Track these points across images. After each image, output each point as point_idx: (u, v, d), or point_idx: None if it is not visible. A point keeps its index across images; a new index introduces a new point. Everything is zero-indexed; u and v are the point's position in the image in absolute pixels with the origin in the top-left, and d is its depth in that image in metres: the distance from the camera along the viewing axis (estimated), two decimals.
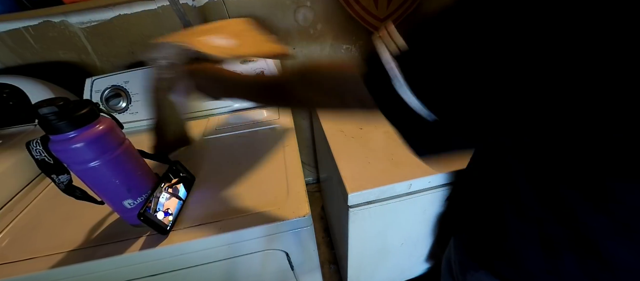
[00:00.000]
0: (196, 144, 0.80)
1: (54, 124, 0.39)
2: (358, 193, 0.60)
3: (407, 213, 0.71)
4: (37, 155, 0.41)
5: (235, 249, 0.55)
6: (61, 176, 0.44)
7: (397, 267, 1.02)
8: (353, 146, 0.72)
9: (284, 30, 1.07)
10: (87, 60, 1.01)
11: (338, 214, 0.82)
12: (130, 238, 0.51)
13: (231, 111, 0.96)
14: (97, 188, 0.47)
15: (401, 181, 0.61)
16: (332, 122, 0.84)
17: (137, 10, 0.93)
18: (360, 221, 0.67)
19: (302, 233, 0.57)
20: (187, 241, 0.51)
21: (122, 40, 0.99)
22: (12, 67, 0.97)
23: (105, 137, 0.43)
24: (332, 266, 1.28)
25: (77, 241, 0.52)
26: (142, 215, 0.47)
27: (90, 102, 0.42)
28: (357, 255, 0.82)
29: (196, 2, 0.94)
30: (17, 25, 0.90)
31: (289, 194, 0.58)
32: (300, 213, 0.53)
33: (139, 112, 0.89)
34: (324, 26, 1.09)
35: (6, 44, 0.92)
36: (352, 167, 0.65)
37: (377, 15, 1.09)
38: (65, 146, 0.40)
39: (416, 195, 0.65)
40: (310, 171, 1.67)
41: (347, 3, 1.04)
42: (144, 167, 0.52)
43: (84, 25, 0.94)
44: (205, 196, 0.60)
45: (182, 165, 0.62)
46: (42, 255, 0.50)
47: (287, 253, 0.60)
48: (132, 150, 0.49)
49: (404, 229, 0.78)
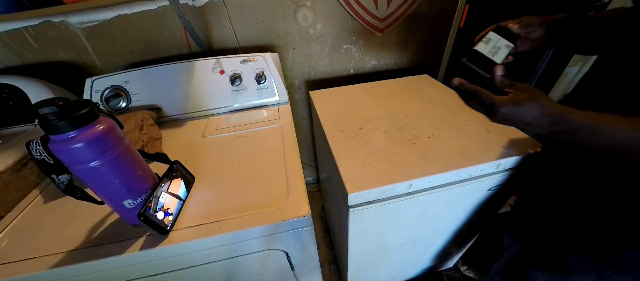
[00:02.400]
0: (196, 144, 0.80)
1: (54, 124, 0.39)
2: (358, 193, 0.60)
3: (407, 213, 0.71)
4: (37, 155, 0.41)
5: (235, 249, 0.55)
6: (61, 176, 0.44)
7: (397, 267, 1.02)
8: (353, 146, 0.72)
9: (284, 30, 1.07)
10: (87, 60, 1.01)
11: (338, 214, 0.82)
12: (130, 238, 0.51)
13: (231, 111, 0.96)
14: (97, 188, 0.47)
15: (401, 181, 0.61)
16: (332, 122, 0.84)
17: (137, 10, 0.93)
18: (360, 221, 0.67)
19: (302, 233, 0.57)
20: (187, 241, 0.51)
21: (122, 40, 0.99)
22: (12, 67, 0.97)
23: (105, 138, 0.43)
24: (332, 266, 1.28)
25: (77, 241, 0.52)
26: (142, 215, 0.47)
27: (90, 102, 0.42)
28: (357, 255, 0.82)
29: (196, 2, 0.95)
30: (17, 25, 0.90)
31: (289, 194, 0.58)
32: (300, 213, 0.53)
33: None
34: (324, 26, 1.09)
35: (6, 44, 0.92)
36: (352, 167, 0.65)
37: (377, 16, 1.09)
38: (65, 146, 0.40)
39: (416, 195, 0.65)
40: (310, 171, 1.67)
41: (347, 3, 1.04)
42: (144, 167, 0.52)
43: (84, 25, 0.94)
44: (205, 196, 0.60)
45: (182, 165, 0.62)
46: (42, 255, 0.50)
47: (287, 253, 0.60)
48: (132, 150, 0.49)
49: (404, 229, 0.78)
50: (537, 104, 0.43)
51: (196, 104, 0.94)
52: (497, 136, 0.72)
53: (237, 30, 1.03)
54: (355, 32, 1.13)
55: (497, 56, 0.53)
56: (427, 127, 0.77)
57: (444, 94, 0.98)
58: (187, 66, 0.91)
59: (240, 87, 0.94)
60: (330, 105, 0.94)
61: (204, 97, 0.94)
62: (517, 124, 0.46)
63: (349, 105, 0.93)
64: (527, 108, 0.43)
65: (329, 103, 0.96)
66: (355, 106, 0.92)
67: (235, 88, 0.94)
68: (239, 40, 1.05)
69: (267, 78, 0.94)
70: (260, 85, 0.95)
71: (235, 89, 0.94)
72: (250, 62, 0.94)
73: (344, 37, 1.13)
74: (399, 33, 1.16)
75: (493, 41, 0.55)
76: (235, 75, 0.93)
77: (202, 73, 0.92)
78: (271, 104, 0.97)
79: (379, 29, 1.13)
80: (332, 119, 0.85)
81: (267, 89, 0.96)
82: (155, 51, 1.03)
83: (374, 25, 1.12)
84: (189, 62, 0.91)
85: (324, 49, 1.15)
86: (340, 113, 0.89)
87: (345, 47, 1.17)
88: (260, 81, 0.93)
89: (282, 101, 0.97)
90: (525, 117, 0.44)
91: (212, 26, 1.01)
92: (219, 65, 0.92)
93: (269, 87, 0.95)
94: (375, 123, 0.81)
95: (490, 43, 0.55)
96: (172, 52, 1.04)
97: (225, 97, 0.94)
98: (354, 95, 1.01)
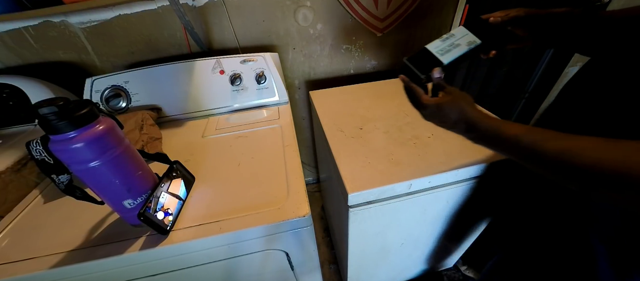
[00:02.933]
0: (196, 144, 0.80)
1: (54, 124, 0.39)
2: (358, 193, 0.60)
3: (407, 213, 0.71)
4: (37, 155, 0.41)
5: (235, 249, 0.55)
6: (61, 176, 0.44)
7: (397, 267, 1.02)
8: (353, 146, 0.72)
9: (284, 30, 1.07)
10: (87, 60, 1.01)
11: (338, 214, 0.82)
12: (130, 238, 0.51)
13: (231, 111, 0.96)
14: (97, 188, 0.47)
15: (401, 181, 0.61)
16: (332, 122, 0.84)
17: (137, 10, 0.93)
18: (360, 221, 0.67)
19: (302, 233, 0.57)
20: (187, 241, 0.51)
21: (122, 40, 0.99)
22: (12, 67, 0.97)
23: (105, 138, 0.43)
24: (332, 266, 1.28)
25: (77, 241, 0.52)
26: (142, 215, 0.47)
27: (90, 102, 0.42)
28: (357, 255, 0.82)
29: (196, 2, 0.95)
30: (17, 25, 0.90)
31: (289, 194, 0.58)
32: (300, 213, 0.53)
33: None
34: (324, 26, 1.09)
35: (6, 44, 0.92)
36: (352, 167, 0.65)
37: (377, 15, 1.09)
38: (65, 146, 0.40)
39: (416, 195, 0.65)
40: (310, 171, 1.67)
41: (347, 3, 1.04)
42: (144, 167, 0.52)
43: (84, 25, 0.94)
44: (205, 196, 0.60)
45: (182, 165, 0.62)
46: (42, 255, 0.50)
47: (287, 253, 0.60)
48: (132, 150, 0.49)
49: (404, 229, 0.78)
50: (457, 108, 0.45)
51: (196, 104, 0.94)
52: None
53: (237, 30, 1.03)
54: (355, 32, 1.13)
55: (446, 56, 0.50)
56: (427, 127, 0.77)
57: None
58: (187, 66, 0.91)
59: (240, 87, 0.94)
60: (330, 105, 0.94)
61: (204, 97, 0.94)
62: (442, 125, 0.48)
63: (349, 105, 0.93)
64: (447, 111, 0.46)
65: (329, 103, 0.96)
66: (355, 106, 0.92)
67: (235, 88, 0.94)
68: (239, 40, 1.05)
69: (267, 78, 0.94)
70: (260, 85, 0.95)
71: (235, 89, 0.94)
72: (250, 62, 0.94)
73: (344, 37, 1.13)
74: (399, 33, 1.16)
75: (455, 37, 0.51)
76: (235, 75, 0.93)
77: (202, 73, 0.92)
78: (271, 104, 0.97)
79: (379, 29, 1.13)
80: (332, 119, 0.85)
81: (267, 89, 0.96)
82: (155, 51, 1.03)
83: (374, 25, 1.12)
84: (189, 62, 0.91)
85: (324, 49, 1.15)
86: (340, 113, 0.89)
87: (345, 47, 1.17)
88: (260, 81, 0.93)
89: (282, 101, 0.97)
90: (446, 119, 0.46)
91: (212, 26, 1.01)
92: (219, 65, 0.92)
93: (269, 87, 0.95)
94: (375, 123, 0.81)
95: (449, 40, 0.51)
96: (172, 52, 1.04)
97: (225, 97, 0.94)
98: (354, 95, 1.01)
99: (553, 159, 0.35)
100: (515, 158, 0.40)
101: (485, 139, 0.43)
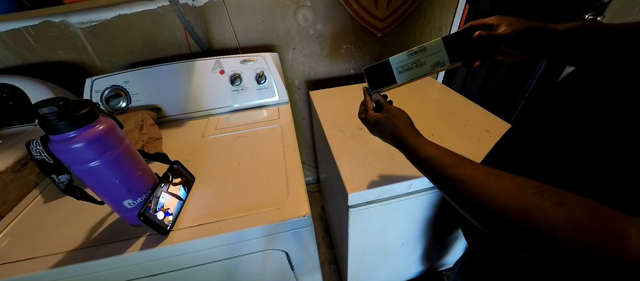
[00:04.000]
0: (196, 144, 0.80)
1: (54, 124, 0.39)
2: (358, 193, 0.60)
3: (407, 213, 0.71)
4: (37, 155, 0.41)
5: (235, 249, 0.55)
6: (61, 176, 0.44)
7: (397, 267, 1.02)
8: (353, 146, 0.72)
9: (284, 30, 1.07)
10: (87, 60, 1.01)
11: (338, 214, 0.82)
12: (130, 238, 0.51)
13: (231, 111, 0.96)
14: (97, 188, 0.47)
15: (401, 181, 0.61)
16: (332, 122, 0.84)
17: (137, 10, 0.93)
18: (360, 221, 0.67)
19: (302, 233, 0.57)
20: (187, 241, 0.51)
21: (122, 40, 0.99)
22: (12, 67, 0.97)
23: (105, 138, 0.43)
24: (332, 266, 1.28)
25: (77, 241, 0.52)
26: (142, 215, 0.47)
27: (90, 102, 0.42)
28: (357, 255, 0.82)
29: (196, 2, 0.95)
30: (17, 25, 0.90)
31: (289, 194, 0.58)
32: (300, 213, 0.53)
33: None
34: (324, 26, 1.09)
35: (6, 44, 0.92)
36: (352, 167, 0.65)
37: (377, 15, 1.09)
38: (65, 146, 0.40)
39: (416, 195, 0.65)
40: (310, 171, 1.67)
41: (347, 3, 1.04)
42: (144, 167, 0.52)
43: (84, 25, 0.94)
44: (205, 196, 0.60)
45: (182, 165, 0.62)
46: (42, 255, 0.50)
47: (287, 253, 0.60)
48: (132, 150, 0.49)
49: (404, 229, 0.78)
50: (390, 125, 0.48)
51: (196, 104, 0.94)
52: (497, 136, 0.72)
53: (237, 30, 1.03)
54: (355, 32, 1.13)
55: (404, 74, 0.50)
56: (427, 127, 0.77)
57: (444, 94, 0.98)
58: (187, 66, 0.91)
59: (240, 87, 0.94)
60: (330, 105, 0.94)
61: (204, 97, 0.94)
62: (383, 139, 0.51)
63: (349, 105, 0.93)
64: (381, 127, 0.50)
65: (329, 103, 0.96)
66: (355, 106, 0.91)
67: (235, 88, 0.94)
68: (239, 40, 1.05)
69: (267, 78, 0.94)
70: (260, 85, 0.95)
71: (235, 89, 0.94)
72: (250, 62, 0.94)
73: (344, 37, 1.13)
74: (399, 33, 1.16)
75: (426, 53, 0.47)
76: (235, 75, 0.93)
77: (202, 73, 0.92)
78: (271, 104, 0.97)
79: (379, 29, 1.13)
80: (332, 119, 0.85)
81: (267, 89, 0.96)
82: (155, 51, 1.03)
83: (373, 25, 1.12)
84: (189, 62, 0.91)
85: (324, 49, 1.15)
86: (340, 113, 0.88)
87: (345, 47, 1.17)
88: (260, 81, 0.93)
89: (282, 101, 0.97)
90: (383, 134, 0.50)
91: (212, 26, 1.01)
92: (219, 65, 0.92)
93: (269, 87, 0.95)
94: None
95: (417, 55, 0.48)
96: (172, 52, 1.04)
97: (225, 97, 0.94)
98: (354, 95, 1.01)
99: (446, 186, 0.35)
100: (429, 179, 0.40)
101: (409, 157, 0.44)
